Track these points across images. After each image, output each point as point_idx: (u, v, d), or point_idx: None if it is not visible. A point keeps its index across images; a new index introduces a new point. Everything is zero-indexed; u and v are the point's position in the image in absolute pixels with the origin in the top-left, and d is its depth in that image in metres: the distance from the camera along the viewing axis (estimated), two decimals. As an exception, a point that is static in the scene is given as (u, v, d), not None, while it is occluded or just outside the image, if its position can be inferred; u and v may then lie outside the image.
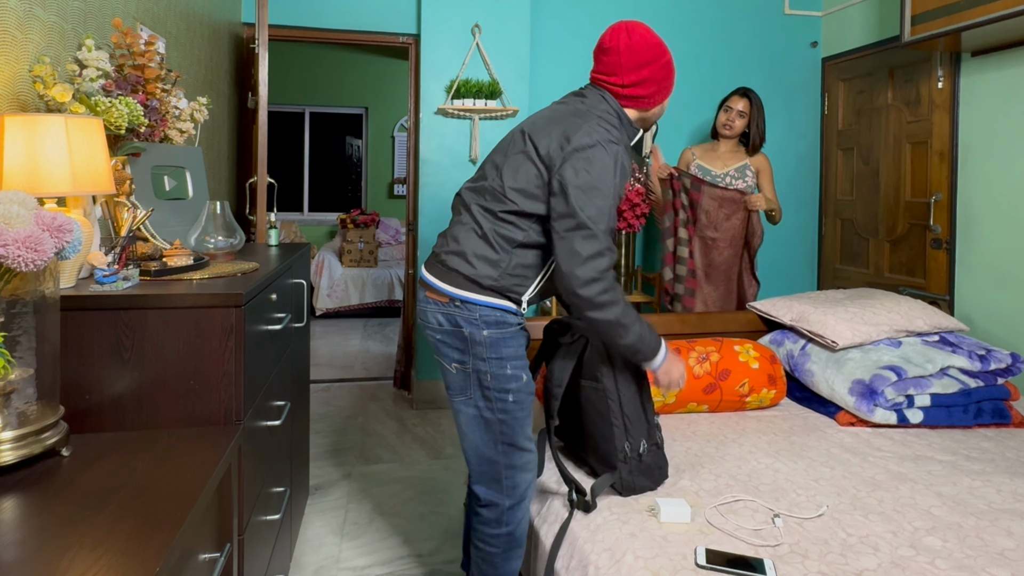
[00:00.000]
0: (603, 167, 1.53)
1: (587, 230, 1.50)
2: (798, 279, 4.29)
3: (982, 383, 2.18)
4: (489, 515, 1.68)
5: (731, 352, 2.27)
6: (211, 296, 1.38)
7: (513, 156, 1.65)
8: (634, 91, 1.66)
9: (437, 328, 1.65)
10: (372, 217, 6.52)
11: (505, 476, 1.66)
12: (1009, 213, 2.99)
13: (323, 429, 3.51)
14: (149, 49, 1.82)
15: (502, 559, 1.69)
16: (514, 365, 1.63)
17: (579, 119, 1.61)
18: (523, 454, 1.67)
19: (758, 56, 4.17)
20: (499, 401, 1.62)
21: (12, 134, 1.27)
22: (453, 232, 1.69)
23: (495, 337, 1.61)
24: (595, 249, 1.50)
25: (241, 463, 1.41)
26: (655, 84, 1.67)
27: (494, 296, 1.62)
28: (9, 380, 1.05)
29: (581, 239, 1.50)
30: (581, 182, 1.51)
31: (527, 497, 1.69)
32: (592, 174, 1.52)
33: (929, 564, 1.36)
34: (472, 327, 1.61)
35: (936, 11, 2.88)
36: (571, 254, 1.51)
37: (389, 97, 7.75)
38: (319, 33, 3.77)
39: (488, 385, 1.62)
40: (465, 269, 1.62)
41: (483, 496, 1.68)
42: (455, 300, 1.62)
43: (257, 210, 2.72)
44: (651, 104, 1.70)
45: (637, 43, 1.64)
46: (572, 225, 1.51)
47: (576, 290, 1.51)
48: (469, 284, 1.61)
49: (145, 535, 0.91)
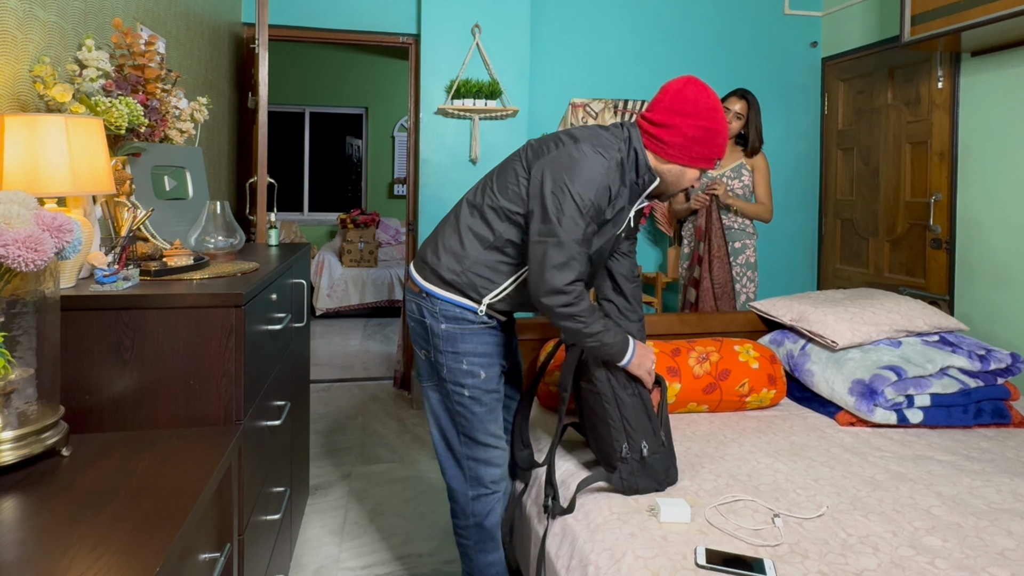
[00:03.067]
0: (586, 173, 1.52)
1: (556, 238, 1.51)
2: (798, 279, 4.29)
3: (982, 383, 2.18)
4: (455, 506, 1.77)
5: (731, 352, 2.27)
6: (211, 296, 1.38)
7: (512, 160, 1.70)
8: (658, 132, 1.61)
9: (411, 316, 1.76)
10: (372, 217, 6.52)
11: (467, 467, 1.73)
12: (1009, 213, 2.99)
13: (323, 429, 3.51)
14: (149, 49, 1.82)
15: (475, 551, 1.75)
16: (471, 361, 1.67)
17: (582, 131, 1.63)
18: (485, 449, 1.72)
19: (758, 56, 4.17)
20: (455, 394, 1.69)
21: (12, 134, 1.27)
22: (436, 231, 1.77)
23: (452, 331, 1.67)
24: (563, 258, 1.51)
25: (241, 463, 1.41)
26: (682, 138, 1.59)
27: (452, 292, 1.67)
28: (9, 380, 1.05)
29: (551, 247, 1.52)
30: (557, 183, 1.52)
31: (494, 491, 1.74)
32: (571, 177, 1.52)
33: (929, 564, 1.36)
34: (432, 319, 1.69)
35: (936, 11, 2.88)
36: (541, 260, 1.53)
37: (389, 97, 7.75)
38: (319, 33, 3.77)
39: (444, 377, 1.70)
40: (432, 261, 1.70)
41: (449, 485, 1.78)
42: (423, 292, 1.70)
43: (257, 210, 2.72)
44: (670, 156, 1.62)
45: (688, 92, 1.59)
46: (545, 231, 1.52)
47: (540, 298, 1.55)
48: (433, 277, 1.69)
49: (145, 535, 0.91)
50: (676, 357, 2.23)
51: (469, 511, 1.74)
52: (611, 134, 1.64)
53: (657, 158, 1.64)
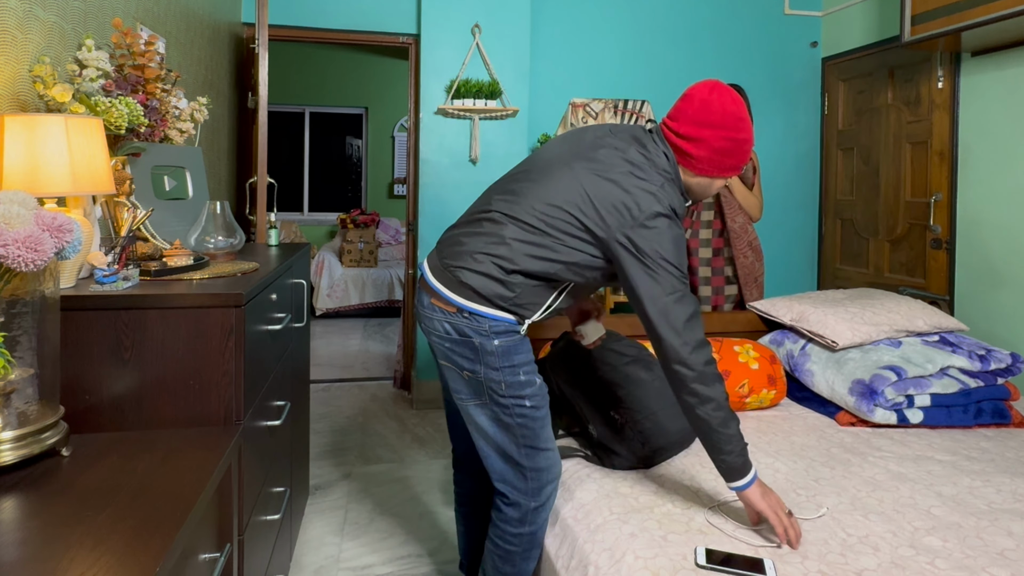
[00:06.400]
0: (672, 239, 1.47)
1: (679, 294, 1.44)
2: (798, 279, 4.29)
3: (982, 383, 2.17)
4: (513, 514, 1.67)
5: (731, 352, 2.27)
6: (211, 296, 1.38)
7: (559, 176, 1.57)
8: (685, 145, 1.54)
9: (445, 336, 1.60)
10: (372, 217, 6.52)
11: (530, 478, 1.64)
12: (1009, 213, 2.99)
13: (323, 429, 3.51)
14: (149, 49, 1.82)
15: (521, 558, 1.69)
16: (527, 371, 1.62)
17: (641, 178, 1.51)
18: (545, 455, 1.66)
19: (758, 56, 4.17)
20: (516, 407, 1.60)
21: (12, 134, 1.27)
22: (470, 245, 1.59)
23: (507, 346, 1.58)
24: (691, 311, 1.44)
25: (241, 463, 1.41)
26: (710, 151, 1.53)
27: (499, 311, 1.58)
28: (9, 380, 1.05)
29: (675, 303, 1.43)
30: (652, 252, 1.46)
31: (551, 499, 1.69)
32: (662, 245, 1.46)
33: (929, 564, 1.36)
34: (482, 337, 1.56)
35: (936, 11, 2.88)
36: (666, 318, 1.43)
37: (389, 97, 7.75)
38: (319, 33, 3.77)
39: (503, 393, 1.59)
40: (477, 285, 1.56)
41: (509, 495, 1.66)
42: (463, 311, 1.57)
43: (257, 210, 2.72)
44: (697, 170, 1.56)
45: (714, 101, 1.52)
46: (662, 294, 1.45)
47: (687, 357, 1.43)
48: (479, 299, 1.56)
49: (145, 535, 0.91)
50: (676, 357, 2.23)
51: (528, 520, 1.66)
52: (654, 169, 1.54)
53: (686, 171, 1.58)
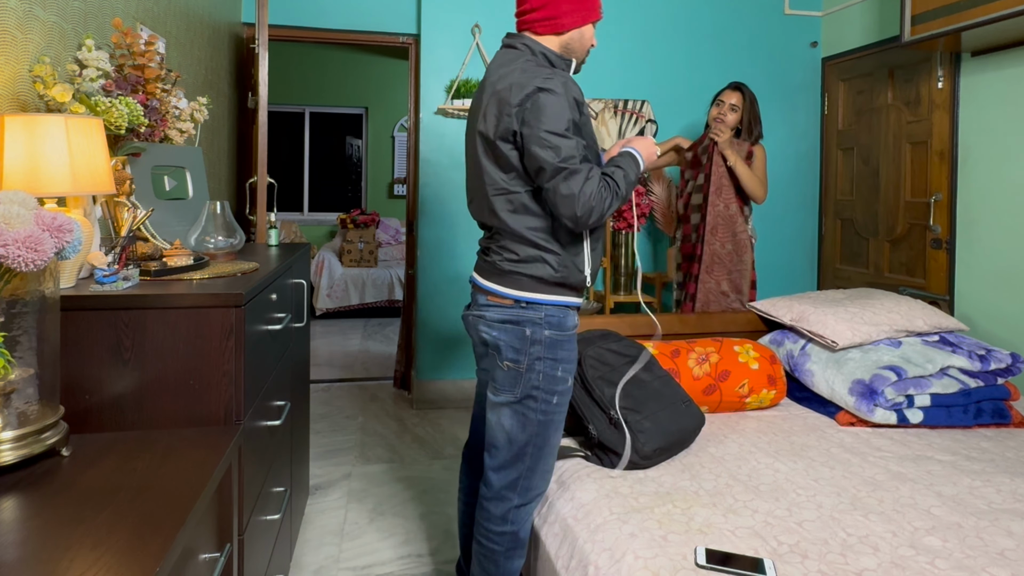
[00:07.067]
0: (553, 109, 1.52)
1: (565, 171, 1.51)
2: (798, 279, 4.29)
3: (982, 383, 2.18)
4: (495, 510, 1.68)
5: (731, 352, 2.27)
6: (211, 296, 1.38)
7: (484, 157, 1.66)
8: (543, 13, 1.64)
9: (499, 328, 1.65)
10: (372, 217, 6.52)
11: (524, 476, 1.67)
12: (1009, 213, 2.99)
13: (323, 429, 3.51)
14: (149, 49, 1.82)
15: (504, 557, 1.70)
16: (565, 368, 1.65)
17: (508, 78, 1.59)
18: (548, 460, 1.69)
19: (758, 56, 4.17)
20: (544, 403, 1.63)
21: (12, 134, 1.27)
22: (500, 243, 1.68)
23: (555, 338, 1.63)
24: (580, 183, 1.51)
25: (241, 463, 1.41)
26: (560, 4, 1.63)
27: (559, 293, 1.64)
28: (9, 380, 1.05)
29: (563, 180, 1.51)
30: (539, 132, 1.51)
31: (535, 501, 1.71)
32: (545, 119, 1.51)
33: (929, 564, 1.36)
34: (535, 328, 1.62)
35: (936, 11, 2.88)
36: (564, 200, 1.51)
37: (389, 97, 7.75)
38: (319, 33, 3.77)
39: (537, 384, 1.63)
40: (529, 270, 1.64)
41: (495, 484, 1.68)
42: (520, 302, 1.63)
43: (257, 210, 2.72)
44: (566, 25, 1.65)
45: None
46: (551, 173, 1.52)
47: (588, 226, 1.56)
48: (535, 284, 1.63)
49: (145, 535, 0.91)
50: (676, 358, 2.23)
51: (510, 518, 1.68)
52: (528, 63, 1.61)
53: (557, 35, 1.66)
